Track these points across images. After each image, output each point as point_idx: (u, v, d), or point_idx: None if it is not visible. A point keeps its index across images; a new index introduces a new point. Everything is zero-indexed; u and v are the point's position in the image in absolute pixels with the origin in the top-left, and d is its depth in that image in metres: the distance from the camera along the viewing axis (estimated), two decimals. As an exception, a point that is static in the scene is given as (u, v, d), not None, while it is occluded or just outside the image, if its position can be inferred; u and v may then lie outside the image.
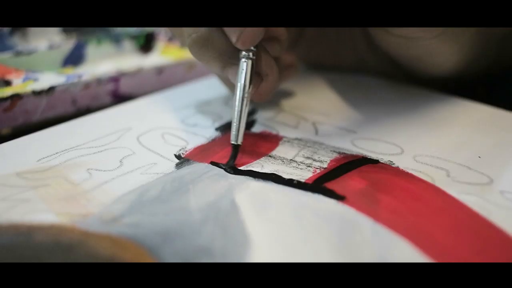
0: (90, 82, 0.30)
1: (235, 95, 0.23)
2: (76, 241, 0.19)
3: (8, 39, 0.35)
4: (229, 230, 0.19)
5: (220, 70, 0.24)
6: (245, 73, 0.23)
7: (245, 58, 0.23)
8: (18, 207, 0.21)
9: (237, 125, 0.23)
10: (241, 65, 0.23)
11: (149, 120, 0.27)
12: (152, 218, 0.20)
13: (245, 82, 0.23)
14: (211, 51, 0.23)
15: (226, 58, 0.23)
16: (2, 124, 0.29)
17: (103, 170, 0.23)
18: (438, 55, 0.27)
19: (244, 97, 0.23)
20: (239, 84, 0.23)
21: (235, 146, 0.23)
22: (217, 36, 0.23)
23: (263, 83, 0.24)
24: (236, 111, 0.23)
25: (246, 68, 0.23)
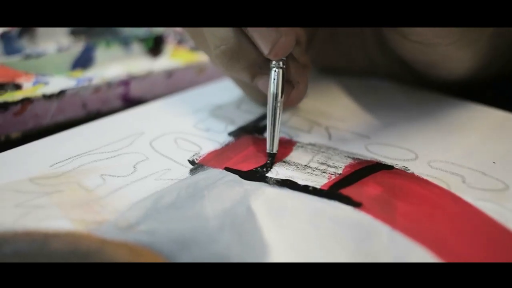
0: (101, 86, 0.30)
1: (268, 105, 0.23)
2: (92, 249, 0.19)
3: (16, 41, 0.35)
4: (246, 237, 0.19)
5: (249, 80, 0.24)
6: (276, 82, 0.23)
7: (276, 67, 0.23)
8: (32, 214, 0.21)
9: (271, 134, 0.23)
10: (272, 75, 0.23)
11: (161, 124, 0.27)
12: (168, 225, 0.20)
13: (277, 91, 0.23)
14: (241, 62, 0.23)
15: (256, 69, 0.23)
16: (12, 128, 0.28)
17: (116, 176, 0.23)
18: (453, 61, 0.27)
19: (277, 106, 0.23)
20: (271, 94, 0.23)
21: (270, 154, 0.24)
22: (247, 47, 0.23)
23: (294, 91, 0.24)
24: (270, 120, 0.23)
25: (277, 77, 0.23)
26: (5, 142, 0.29)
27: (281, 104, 0.23)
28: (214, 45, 0.23)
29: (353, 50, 0.30)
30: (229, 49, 0.23)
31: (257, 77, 0.24)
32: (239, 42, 0.23)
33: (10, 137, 0.29)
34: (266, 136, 0.24)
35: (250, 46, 0.23)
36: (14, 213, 0.21)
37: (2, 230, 0.20)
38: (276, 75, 0.23)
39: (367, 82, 0.32)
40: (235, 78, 0.27)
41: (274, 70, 0.23)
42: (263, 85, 0.24)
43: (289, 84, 0.24)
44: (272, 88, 0.23)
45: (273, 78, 0.23)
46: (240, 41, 0.23)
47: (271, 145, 0.24)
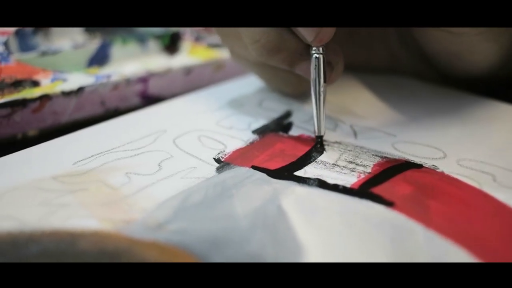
0: (119, 83, 0.30)
1: (312, 90, 0.24)
2: (122, 248, 0.19)
3: (31, 38, 0.35)
4: (279, 237, 0.19)
5: (288, 68, 0.24)
6: (318, 67, 0.23)
7: (316, 53, 0.23)
8: (58, 213, 0.20)
9: (317, 117, 0.24)
10: (314, 61, 0.23)
11: (184, 122, 0.27)
12: (198, 224, 0.19)
13: (319, 76, 0.23)
14: (282, 53, 0.23)
15: (296, 56, 0.23)
16: (30, 126, 0.28)
17: (142, 174, 0.22)
18: (477, 53, 0.26)
19: (321, 91, 0.23)
20: (314, 80, 0.23)
21: (318, 137, 0.24)
22: (288, 38, 0.23)
23: (334, 72, 0.24)
24: (315, 105, 0.24)
25: (319, 63, 0.23)
26: (22, 139, 0.28)
27: (324, 88, 0.24)
28: (252, 40, 0.23)
29: (374, 44, 0.30)
30: (269, 42, 0.23)
31: (297, 64, 0.24)
32: (279, 34, 0.23)
33: (27, 135, 0.28)
34: (313, 119, 0.24)
35: (291, 36, 0.23)
36: (39, 211, 0.20)
37: (28, 229, 0.19)
38: (317, 61, 0.23)
39: (388, 78, 0.31)
40: (262, 69, 0.27)
41: (315, 56, 0.23)
42: (302, 71, 0.24)
43: (329, 66, 0.24)
44: (314, 74, 0.23)
45: (315, 64, 0.23)
46: (281, 33, 0.23)
47: (319, 128, 0.24)
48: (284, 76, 0.26)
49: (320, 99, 0.24)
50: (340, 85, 0.30)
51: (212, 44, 0.34)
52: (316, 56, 0.23)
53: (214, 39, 0.34)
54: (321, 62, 0.23)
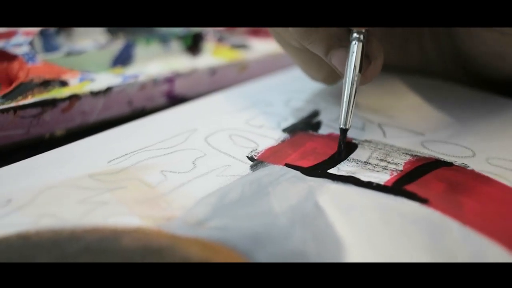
0: (146, 83, 0.30)
1: (345, 78, 0.23)
2: (165, 245, 0.19)
3: (54, 39, 0.35)
4: (319, 234, 0.19)
5: (324, 52, 0.23)
6: (355, 55, 0.22)
7: (356, 40, 0.22)
8: (97, 210, 0.20)
9: (346, 108, 0.23)
10: (352, 48, 0.22)
11: (213, 121, 0.27)
12: (238, 221, 0.20)
13: (356, 64, 0.22)
14: (319, 32, 0.22)
15: (334, 40, 0.23)
16: (59, 125, 0.28)
17: (177, 172, 0.23)
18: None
19: (354, 80, 0.22)
20: (350, 67, 0.22)
21: (343, 130, 0.23)
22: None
23: (371, 66, 0.23)
24: (346, 94, 0.23)
25: (357, 50, 0.22)
26: (50, 139, 0.29)
27: (358, 78, 0.23)
28: None
29: (408, 44, 0.30)
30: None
31: (333, 49, 0.23)
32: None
33: (55, 135, 0.29)
34: (340, 110, 0.23)
35: None
36: (79, 209, 0.20)
37: (69, 226, 0.20)
38: (356, 48, 0.22)
39: (416, 79, 0.31)
40: (297, 52, 0.26)
41: (355, 43, 0.22)
42: (338, 59, 0.23)
43: (367, 59, 0.23)
44: (352, 61, 0.22)
45: (353, 51, 0.22)
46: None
47: (345, 121, 0.23)
48: (318, 62, 0.26)
49: (352, 89, 0.22)
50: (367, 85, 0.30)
51: (235, 45, 0.35)
52: (355, 42, 0.22)
53: (238, 39, 0.35)
54: (359, 50, 0.22)
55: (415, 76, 0.32)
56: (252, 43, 0.37)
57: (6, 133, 0.27)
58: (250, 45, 0.36)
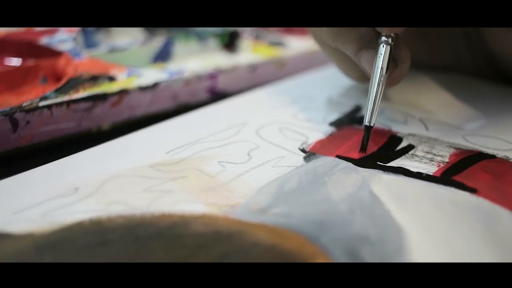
0: (191, 79, 0.31)
1: (372, 78, 0.24)
2: (234, 230, 0.20)
3: (94, 36, 0.36)
4: (378, 220, 0.20)
5: (354, 53, 0.25)
6: (383, 57, 0.24)
7: (384, 43, 0.24)
8: (163, 198, 0.21)
9: (371, 107, 0.24)
10: (380, 50, 0.24)
11: (262, 115, 0.28)
12: (300, 208, 0.21)
13: (382, 65, 0.24)
14: (351, 33, 0.24)
15: (364, 41, 0.24)
16: (108, 119, 0.29)
17: (234, 163, 0.24)
18: None
19: (381, 81, 0.24)
20: (377, 68, 0.24)
21: (367, 127, 0.24)
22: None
23: (398, 69, 0.25)
24: (372, 93, 0.24)
25: (385, 53, 0.24)
26: (97, 133, 0.29)
27: (384, 79, 0.24)
28: None
29: (441, 43, 0.31)
30: None
31: (363, 50, 0.24)
32: None
33: (101, 128, 0.30)
34: (366, 108, 0.24)
35: None
36: (145, 197, 0.21)
37: (140, 213, 0.21)
38: (384, 50, 0.24)
39: (450, 76, 0.33)
40: (332, 51, 0.28)
41: (383, 45, 0.24)
42: (366, 60, 0.24)
43: (394, 62, 0.25)
44: (379, 62, 0.24)
45: (381, 53, 0.24)
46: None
47: (370, 118, 0.24)
48: (352, 62, 0.27)
49: (378, 89, 0.24)
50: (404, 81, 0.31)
51: (273, 42, 0.36)
52: (383, 45, 0.24)
53: (274, 37, 0.36)
54: (387, 52, 0.24)
55: (448, 74, 0.33)
56: (287, 40, 0.38)
57: (58, 126, 0.28)
58: (286, 43, 0.37)
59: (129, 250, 0.19)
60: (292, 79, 0.33)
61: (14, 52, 0.33)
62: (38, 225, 0.20)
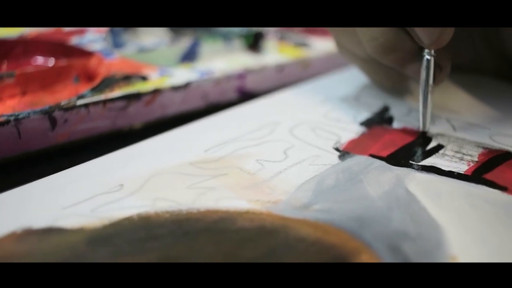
0: (221, 79, 0.32)
1: (420, 90, 0.26)
2: (279, 225, 0.21)
3: (121, 36, 0.37)
4: (415, 216, 0.21)
5: (399, 68, 0.26)
6: (428, 69, 0.25)
7: (428, 55, 0.25)
8: (207, 194, 0.22)
9: (423, 115, 0.26)
10: (425, 62, 0.25)
11: (293, 114, 0.29)
12: (340, 205, 0.22)
13: (428, 77, 0.25)
14: (396, 52, 0.25)
15: (409, 57, 0.25)
16: (140, 118, 0.30)
17: (272, 161, 0.24)
18: None
19: (429, 90, 0.26)
20: (424, 80, 0.25)
21: (423, 133, 0.27)
22: (405, 39, 0.25)
23: (442, 74, 0.26)
24: (422, 103, 0.26)
25: (429, 65, 0.25)
26: (129, 132, 0.30)
27: (432, 88, 0.26)
28: (370, 38, 0.25)
29: (459, 44, 0.32)
30: (387, 41, 0.25)
31: (408, 64, 0.26)
32: (397, 34, 0.25)
33: (133, 127, 0.30)
34: (419, 116, 0.26)
35: (407, 37, 0.25)
36: (190, 194, 0.22)
37: (186, 209, 0.22)
38: (428, 63, 0.25)
39: (469, 76, 0.33)
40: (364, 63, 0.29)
41: (427, 58, 0.25)
42: (412, 71, 0.26)
43: (438, 67, 0.26)
44: (424, 75, 0.25)
45: (426, 65, 0.25)
46: (399, 33, 0.25)
47: (424, 125, 0.26)
48: (386, 71, 0.29)
49: (428, 98, 0.26)
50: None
51: (298, 43, 0.37)
52: (427, 58, 0.25)
53: (298, 38, 0.37)
54: (432, 64, 0.25)
55: (467, 74, 0.34)
56: (311, 41, 0.39)
57: (94, 124, 0.29)
58: (310, 44, 0.38)
59: (179, 244, 0.20)
60: (317, 79, 0.34)
61: (45, 52, 0.34)
62: (88, 220, 0.21)
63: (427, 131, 0.27)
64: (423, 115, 0.26)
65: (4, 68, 0.33)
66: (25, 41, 0.34)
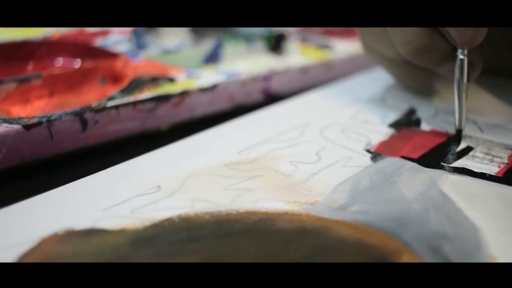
0: (247, 80, 0.32)
1: (455, 89, 0.26)
2: (319, 226, 0.21)
3: (144, 37, 0.37)
4: (452, 217, 0.21)
5: (434, 68, 0.27)
6: (462, 68, 0.26)
7: (462, 55, 0.26)
8: (244, 196, 0.22)
9: (459, 113, 0.27)
10: (459, 62, 0.26)
11: (322, 116, 0.29)
12: (377, 206, 0.22)
13: (462, 76, 0.26)
14: (431, 54, 0.26)
15: (443, 57, 0.26)
16: (168, 119, 0.30)
17: (305, 163, 0.25)
18: None
19: (463, 89, 0.26)
20: (458, 79, 0.26)
21: (459, 131, 0.27)
22: (439, 41, 0.25)
23: (474, 72, 0.27)
24: (457, 102, 0.27)
25: (463, 64, 0.26)
26: (157, 133, 0.30)
27: (466, 87, 0.26)
28: (403, 41, 0.25)
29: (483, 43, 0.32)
30: (422, 43, 0.25)
31: (442, 64, 0.26)
32: (431, 36, 0.25)
33: (160, 129, 0.31)
34: (455, 115, 0.27)
35: (442, 38, 0.26)
36: (227, 195, 0.23)
37: (225, 209, 0.22)
38: (461, 62, 0.26)
39: (490, 79, 0.34)
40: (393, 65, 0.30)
41: (461, 58, 0.26)
42: (446, 71, 0.27)
43: (471, 66, 0.27)
44: (458, 74, 0.26)
45: (459, 64, 0.26)
46: (433, 34, 0.25)
47: (460, 123, 0.27)
48: (415, 72, 0.29)
49: (462, 97, 0.26)
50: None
51: (321, 45, 0.37)
52: (461, 57, 0.26)
53: (320, 40, 0.37)
54: (465, 63, 0.26)
55: (488, 76, 0.34)
56: (333, 43, 0.39)
57: (123, 125, 0.29)
58: (332, 46, 0.38)
59: (222, 245, 0.20)
60: (342, 81, 0.34)
61: (69, 53, 0.34)
62: (129, 221, 0.21)
63: (462, 129, 0.27)
64: (458, 113, 0.27)
65: (30, 69, 0.33)
66: (49, 42, 0.35)
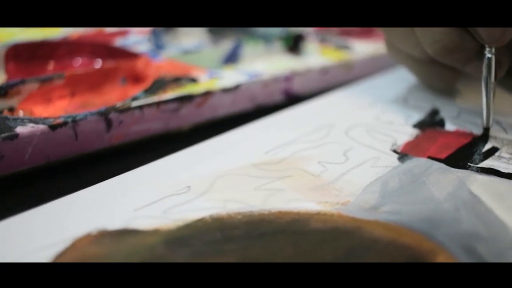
0: (268, 81, 0.32)
1: (483, 87, 0.27)
2: (352, 227, 0.21)
3: (162, 37, 0.37)
4: (483, 217, 0.21)
5: (461, 67, 0.27)
6: (490, 66, 0.26)
7: (490, 54, 0.26)
8: (276, 196, 0.23)
9: (487, 112, 0.27)
10: (487, 61, 0.26)
11: (346, 116, 0.29)
12: (408, 206, 0.22)
13: (490, 74, 0.26)
14: (459, 53, 0.26)
15: (471, 56, 0.26)
16: (191, 119, 0.30)
17: (334, 163, 0.25)
18: None
19: (491, 87, 0.26)
20: (485, 77, 0.26)
21: (486, 129, 0.28)
22: (468, 40, 0.25)
23: (501, 70, 0.27)
24: (485, 100, 0.27)
25: (491, 63, 0.26)
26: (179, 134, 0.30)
27: (494, 85, 0.26)
28: (432, 41, 0.26)
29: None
30: (451, 42, 0.26)
31: (469, 62, 0.27)
32: (460, 35, 0.25)
33: (182, 129, 0.31)
34: (483, 114, 0.27)
35: (470, 37, 0.26)
36: (258, 195, 0.23)
37: (257, 210, 0.22)
38: (489, 61, 0.26)
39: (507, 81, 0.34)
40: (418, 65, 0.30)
41: (489, 56, 0.26)
42: (473, 69, 0.27)
43: (498, 64, 0.27)
44: (486, 73, 0.26)
45: (487, 63, 0.26)
46: (462, 33, 0.26)
47: (487, 121, 0.27)
48: (440, 72, 0.29)
49: (490, 96, 0.26)
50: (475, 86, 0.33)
51: (340, 46, 0.37)
52: (489, 55, 0.26)
53: (339, 41, 0.37)
54: (493, 62, 0.26)
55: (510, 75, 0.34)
56: (352, 44, 0.39)
57: (147, 125, 0.29)
58: (351, 46, 0.38)
59: (257, 245, 0.20)
60: (363, 81, 0.34)
61: (89, 53, 0.34)
62: (162, 221, 0.21)
63: (490, 127, 0.27)
64: (486, 112, 0.27)
65: (51, 69, 0.33)
66: (68, 42, 0.35)
